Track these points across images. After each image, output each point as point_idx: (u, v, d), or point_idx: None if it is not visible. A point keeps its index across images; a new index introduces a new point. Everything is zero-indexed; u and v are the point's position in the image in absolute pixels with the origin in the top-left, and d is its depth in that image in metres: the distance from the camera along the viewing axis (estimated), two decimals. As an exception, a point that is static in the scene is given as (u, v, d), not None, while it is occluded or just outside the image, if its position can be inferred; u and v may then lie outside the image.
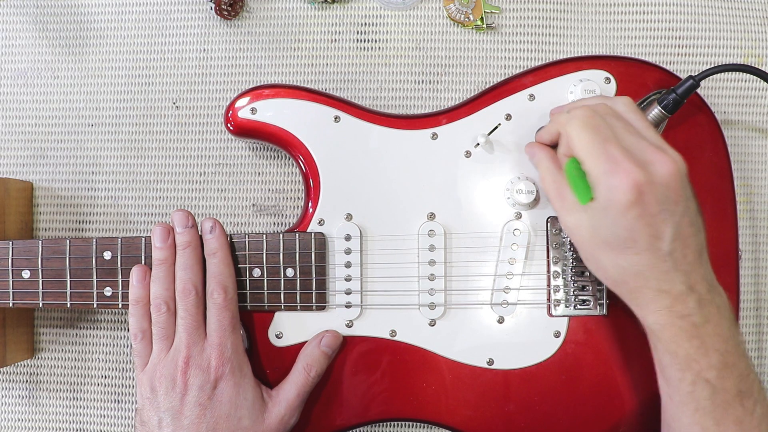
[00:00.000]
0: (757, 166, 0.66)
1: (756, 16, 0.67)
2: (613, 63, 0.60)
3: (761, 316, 0.66)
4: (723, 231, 0.59)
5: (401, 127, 0.60)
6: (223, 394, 0.54)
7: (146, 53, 0.67)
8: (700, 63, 0.66)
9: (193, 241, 0.57)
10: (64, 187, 0.67)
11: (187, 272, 0.56)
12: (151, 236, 0.57)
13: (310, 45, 0.67)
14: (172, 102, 0.67)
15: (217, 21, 0.67)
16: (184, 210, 0.58)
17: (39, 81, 0.68)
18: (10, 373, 0.68)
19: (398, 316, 0.59)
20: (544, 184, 0.54)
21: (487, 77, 0.66)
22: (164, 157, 0.67)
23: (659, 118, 0.57)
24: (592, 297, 0.58)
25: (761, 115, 0.67)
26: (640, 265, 0.48)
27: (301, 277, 0.59)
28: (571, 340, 0.59)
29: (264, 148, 0.67)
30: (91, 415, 0.68)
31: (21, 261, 0.59)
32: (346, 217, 0.59)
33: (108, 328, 0.68)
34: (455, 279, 0.59)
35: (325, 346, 0.58)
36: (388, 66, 0.66)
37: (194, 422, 0.54)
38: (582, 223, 0.50)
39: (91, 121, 0.67)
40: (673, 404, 0.50)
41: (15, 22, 0.68)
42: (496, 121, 0.59)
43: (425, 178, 0.59)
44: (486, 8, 0.66)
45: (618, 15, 0.66)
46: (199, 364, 0.54)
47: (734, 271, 0.59)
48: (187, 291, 0.56)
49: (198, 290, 0.56)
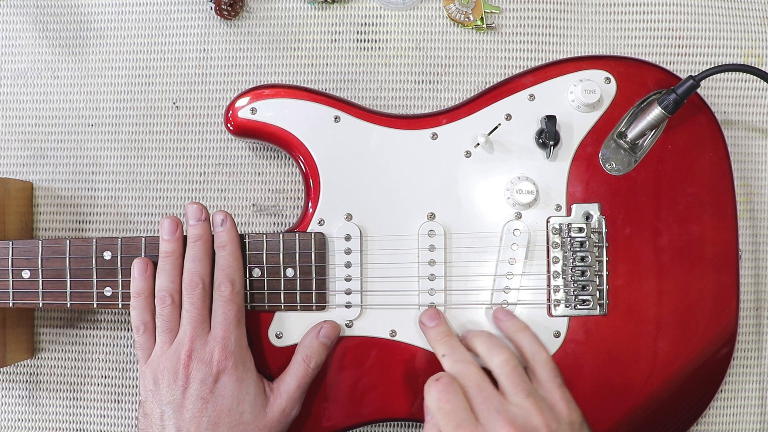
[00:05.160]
0: (757, 166, 0.66)
1: (756, 16, 0.67)
2: (613, 63, 0.60)
3: (761, 316, 0.66)
4: (723, 231, 0.59)
5: (401, 127, 0.60)
6: (225, 388, 0.54)
7: (146, 53, 0.67)
8: (700, 63, 0.66)
9: (204, 235, 0.57)
10: (64, 187, 0.67)
11: (196, 264, 0.56)
12: (160, 228, 0.57)
13: (310, 45, 0.67)
14: (172, 102, 0.67)
15: (217, 21, 0.67)
16: (198, 203, 0.58)
17: (39, 81, 0.68)
18: (10, 373, 0.68)
19: (398, 316, 0.59)
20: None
21: (487, 77, 0.66)
22: (164, 157, 0.67)
23: (659, 119, 0.57)
24: (592, 297, 0.58)
25: (761, 115, 0.67)
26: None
27: (301, 277, 0.59)
28: (571, 340, 0.59)
29: (264, 148, 0.67)
30: (91, 415, 0.68)
31: (21, 261, 0.59)
32: (346, 217, 0.59)
33: (108, 328, 0.68)
34: (455, 279, 0.59)
35: (324, 336, 0.58)
36: (388, 66, 0.66)
37: (196, 415, 0.54)
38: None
39: (91, 121, 0.67)
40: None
41: (15, 22, 0.68)
42: (496, 121, 0.59)
43: (425, 178, 0.59)
44: (486, 8, 0.66)
45: (618, 15, 0.66)
46: (201, 357, 0.54)
47: (734, 271, 0.59)
48: (194, 284, 0.56)
49: (205, 283, 0.56)
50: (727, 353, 0.60)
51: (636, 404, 0.58)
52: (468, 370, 0.53)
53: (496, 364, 0.53)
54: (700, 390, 0.60)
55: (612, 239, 0.59)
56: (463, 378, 0.52)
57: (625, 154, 0.59)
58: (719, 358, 0.60)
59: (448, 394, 0.51)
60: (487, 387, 0.52)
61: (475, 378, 0.52)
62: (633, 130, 0.58)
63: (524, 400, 0.51)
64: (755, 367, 0.66)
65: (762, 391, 0.66)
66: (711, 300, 0.59)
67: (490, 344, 0.54)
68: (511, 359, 0.53)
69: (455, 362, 0.54)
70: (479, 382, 0.52)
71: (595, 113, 0.59)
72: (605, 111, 0.59)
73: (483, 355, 0.54)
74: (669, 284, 0.59)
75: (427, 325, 0.57)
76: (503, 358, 0.53)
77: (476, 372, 0.53)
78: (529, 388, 0.52)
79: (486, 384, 0.52)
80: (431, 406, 0.51)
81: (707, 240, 0.59)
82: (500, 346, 0.54)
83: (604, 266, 0.59)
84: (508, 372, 0.52)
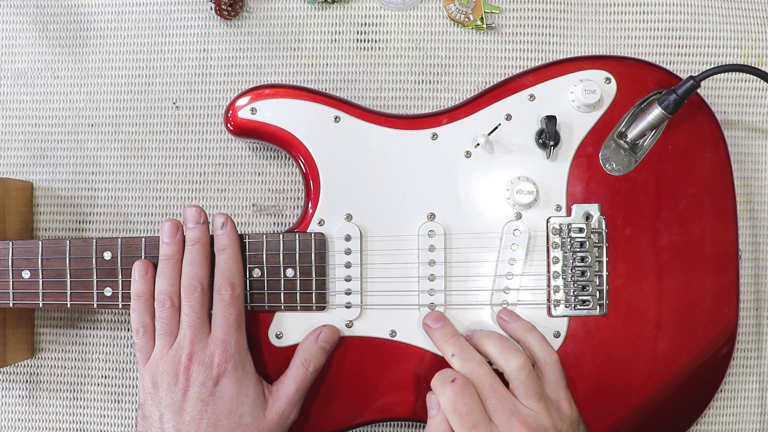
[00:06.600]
0: (757, 166, 0.66)
1: (756, 16, 0.67)
2: (613, 63, 0.60)
3: (761, 316, 0.66)
4: (723, 231, 0.59)
5: (401, 127, 0.60)
6: (224, 391, 0.54)
7: (146, 53, 0.67)
8: (700, 63, 0.66)
9: (202, 238, 0.57)
10: (64, 187, 0.67)
11: (194, 268, 0.56)
12: (160, 231, 0.57)
13: (310, 45, 0.67)
14: (172, 102, 0.67)
15: (217, 21, 0.67)
16: (197, 206, 0.58)
17: (39, 81, 0.68)
18: (10, 373, 0.68)
19: (398, 317, 0.59)
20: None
21: (487, 77, 0.66)
22: (164, 157, 0.67)
23: (660, 119, 0.57)
24: (592, 297, 0.58)
25: (761, 115, 0.67)
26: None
27: (301, 277, 0.59)
28: (571, 341, 0.59)
29: (264, 148, 0.67)
30: (91, 415, 0.68)
31: (21, 261, 0.59)
32: (346, 218, 0.59)
33: (108, 328, 0.68)
34: (455, 279, 0.59)
35: (323, 341, 0.58)
36: (388, 66, 0.66)
37: (195, 418, 0.54)
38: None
39: (91, 121, 0.67)
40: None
41: (15, 22, 0.68)
42: (496, 121, 0.59)
43: (425, 179, 0.59)
44: (486, 8, 0.66)
45: (618, 15, 0.66)
46: (201, 360, 0.54)
47: (734, 271, 0.59)
48: (192, 287, 0.56)
49: (204, 287, 0.56)
50: (727, 353, 0.60)
51: (636, 404, 0.58)
52: (481, 370, 0.54)
53: (511, 368, 0.53)
54: (700, 390, 0.60)
55: (612, 239, 0.59)
56: (475, 378, 0.53)
57: (625, 155, 0.59)
58: (719, 358, 0.60)
59: (465, 396, 0.51)
60: (501, 388, 0.53)
61: (488, 379, 0.53)
62: (633, 130, 0.58)
63: (536, 404, 0.52)
64: (755, 367, 0.66)
65: (762, 391, 0.66)
66: (711, 300, 0.59)
67: (503, 347, 0.55)
68: (527, 364, 0.53)
69: (466, 362, 0.54)
70: (492, 383, 0.53)
71: (596, 113, 0.59)
72: (605, 111, 0.59)
73: (496, 358, 0.54)
74: (669, 284, 0.59)
75: (431, 326, 0.57)
76: (519, 363, 0.53)
77: (489, 372, 0.53)
78: (541, 392, 0.53)
79: (499, 385, 0.53)
80: (446, 406, 0.52)
81: (707, 240, 0.59)
82: (514, 350, 0.54)
83: (604, 266, 0.59)
84: (524, 377, 0.53)
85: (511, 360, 0.54)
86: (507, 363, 0.54)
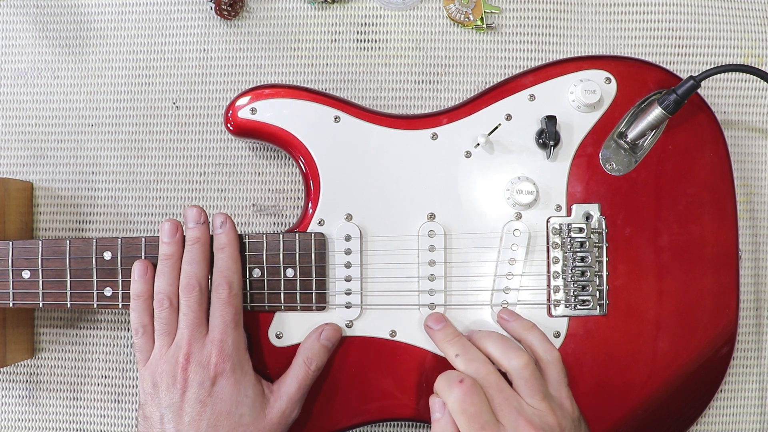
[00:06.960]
0: (757, 166, 0.66)
1: (756, 16, 0.67)
2: (613, 63, 0.60)
3: (761, 316, 0.66)
4: (723, 231, 0.59)
5: (401, 127, 0.60)
6: (222, 391, 0.54)
7: (146, 53, 0.67)
8: (700, 63, 0.66)
9: (202, 238, 0.57)
10: (64, 187, 0.67)
11: (193, 267, 0.56)
12: (160, 231, 0.57)
13: (310, 45, 0.67)
14: (172, 102, 0.67)
15: (217, 21, 0.67)
16: (198, 206, 0.58)
17: (39, 81, 0.68)
18: (10, 373, 0.68)
19: (398, 317, 0.59)
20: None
21: (487, 77, 0.66)
22: (164, 157, 0.67)
23: (660, 119, 0.57)
24: (592, 297, 0.58)
25: (761, 115, 0.67)
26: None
27: (301, 277, 0.59)
28: (571, 340, 0.59)
29: (264, 148, 0.67)
30: (91, 415, 0.68)
31: (21, 261, 0.59)
32: (346, 218, 0.59)
33: (108, 328, 0.68)
34: (455, 279, 0.59)
35: (325, 339, 0.58)
36: (388, 66, 0.66)
37: (194, 419, 0.54)
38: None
39: (91, 121, 0.67)
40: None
41: (15, 22, 0.68)
42: (496, 121, 0.59)
43: (425, 179, 0.59)
44: (486, 8, 0.66)
45: (618, 15, 0.66)
46: (199, 360, 0.54)
47: (734, 271, 0.59)
48: (191, 287, 0.56)
49: (202, 286, 0.56)
50: (727, 353, 0.60)
51: (636, 404, 0.58)
52: (485, 370, 0.54)
53: (514, 367, 0.53)
54: (700, 390, 0.60)
55: (612, 239, 0.59)
56: (480, 378, 0.53)
57: (625, 155, 0.59)
58: (719, 358, 0.60)
59: (473, 396, 0.51)
60: (506, 388, 0.53)
61: (493, 378, 0.53)
62: (633, 130, 0.58)
63: (540, 402, 0.52)
64: (755, 367, 0.66)
65: (762, 391, 0.66)
66: (711, 300, 0.59)
67: (505, 347, 0.55)
68: (530, 363, 0.53)
69: (470, 362, 0.54)
70: (498, 383, 0.53)
71: (596, 113, 0.59)
72: (605, 111, 0.59)
73: (498, 358, 0.54)
74: (669, 284, 0.59)
75: (433, 327, 0.57)
76: (522, 362, 0.53)
77: (493, 372, 0.54)
78: (544, 391, 0.53)
79: (504, 385, 0.53)
80: (454, 407, 0.52)
81: (707, 240, 0.59)
82: (516, 349, 0.54)
83: (604, 266, 0.59)
84: (527, 377, 0.53)
85: (513, 359, 0.54)
86: (510, 362, 0.54)
